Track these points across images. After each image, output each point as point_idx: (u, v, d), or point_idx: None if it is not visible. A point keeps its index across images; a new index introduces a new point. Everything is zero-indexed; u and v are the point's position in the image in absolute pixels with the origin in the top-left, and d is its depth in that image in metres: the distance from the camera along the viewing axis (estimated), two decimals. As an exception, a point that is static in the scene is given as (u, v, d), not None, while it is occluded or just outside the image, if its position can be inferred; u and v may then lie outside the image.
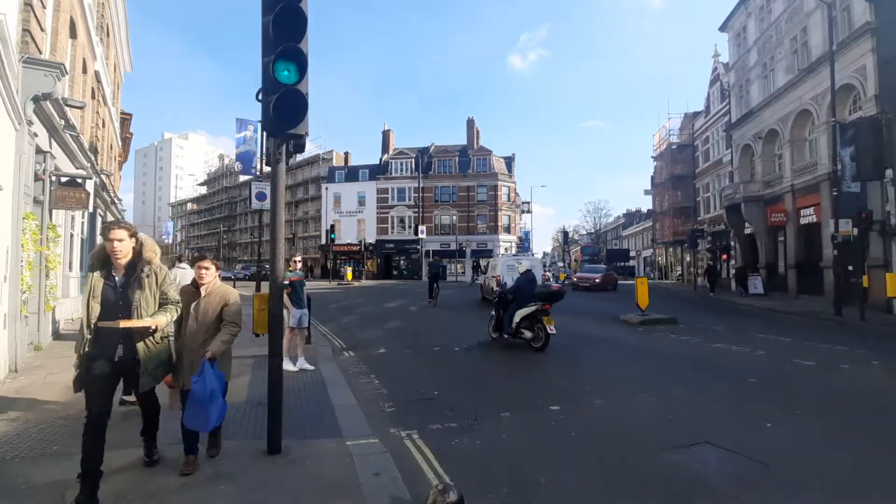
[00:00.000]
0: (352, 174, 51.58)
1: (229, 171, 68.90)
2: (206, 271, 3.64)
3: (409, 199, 48.00)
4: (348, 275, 38.83)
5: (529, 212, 59.38)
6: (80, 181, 9.26)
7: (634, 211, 77.92)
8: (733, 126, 26.46)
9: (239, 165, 19.51)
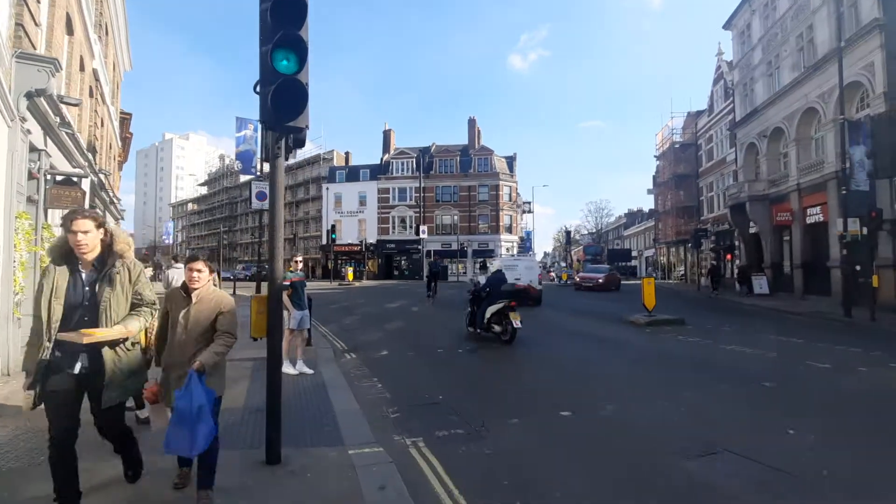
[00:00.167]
0: (353, 174, 51.40)
1: (230, 172, 68.77)
2: (198, 275, 3.12)
3: (411, 198, 47.80)
4: (349, 275, 38.64)
5: (531, 212, 59.24)
6: (75, 180, 9.07)
7: (636, 211, 77.70)
8: (737, 125, 26.24)
9: (239, 165, 19.34)
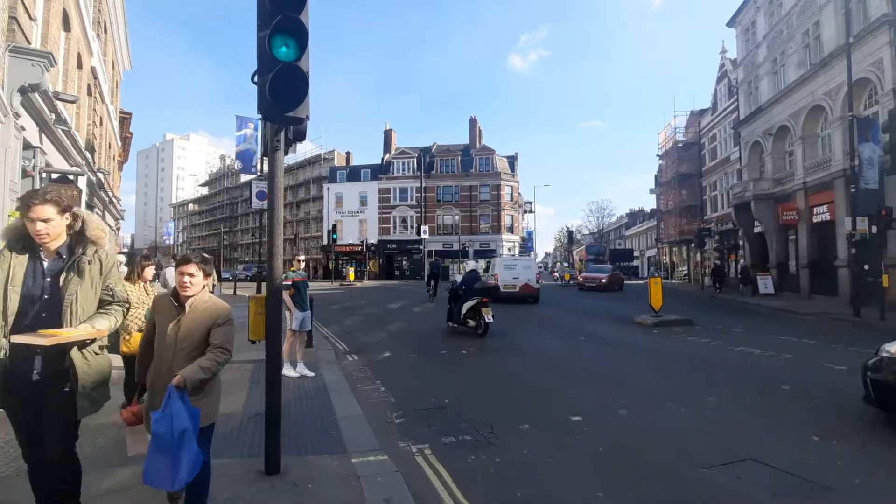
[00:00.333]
0: (353, 174, 51.20)
1: (231, 172, 68.64)
2: (189, 280, 2.65)
3: (412, 198, 47.58)
4: (350, 275, 38.44)
5: (532, 211, 59.03)
6: (71, 178, 8.89)
7: (637, 210, 77.44)
8: (742, 123, 25.98)
9: (239, 164, 19.17)
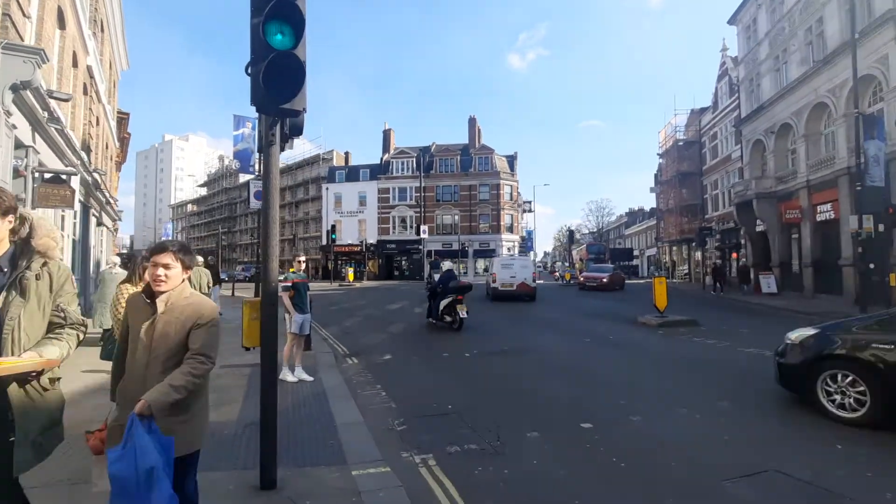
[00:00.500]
0: (352, 174, 50.98)
1: (229, 173, 68.40)
2: (164, 272, 2.23)
3: (411, 198, 47.37)
4: (350, 276, 38.23)
5: (531, 211, 58.83)
6: (64, 178, 8.68)
7: (637, 210, 77.35)
8: (743, 121, 25.81)
9: (236, 164, 18.95)
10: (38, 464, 1.92)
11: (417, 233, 41.28)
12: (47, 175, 8.77)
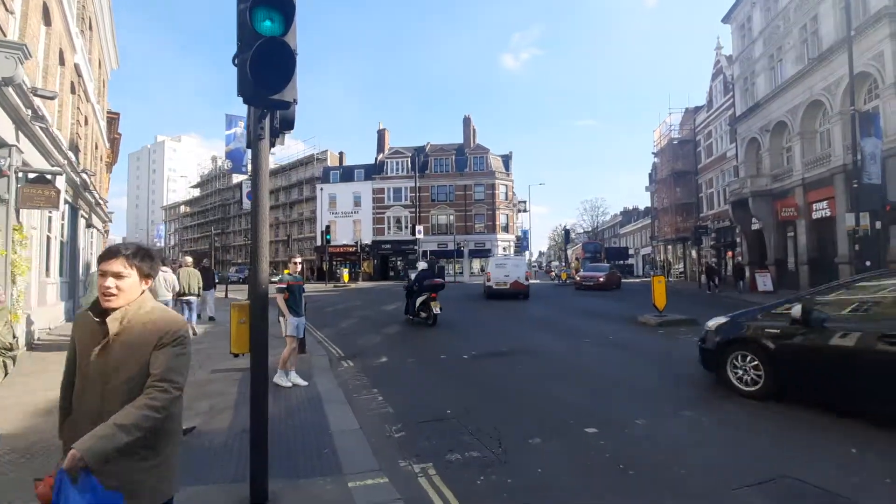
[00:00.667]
0: (347, 174, 50.67)
1: (222, 173, 67.87)
2: (116, 283, 1.81)
3: (406, 198, 47.17)
4: (345, 277, 37.97)
5: (526, 211, 58.75)
6: (49, 178, 8.44)
7: (632, 209, 77.54)
8: (738, 119, 25.82)
9: (229, 164, 18.67)
10: None
11: (413, 233, 41.12)
12: (31, 175, 8.53)
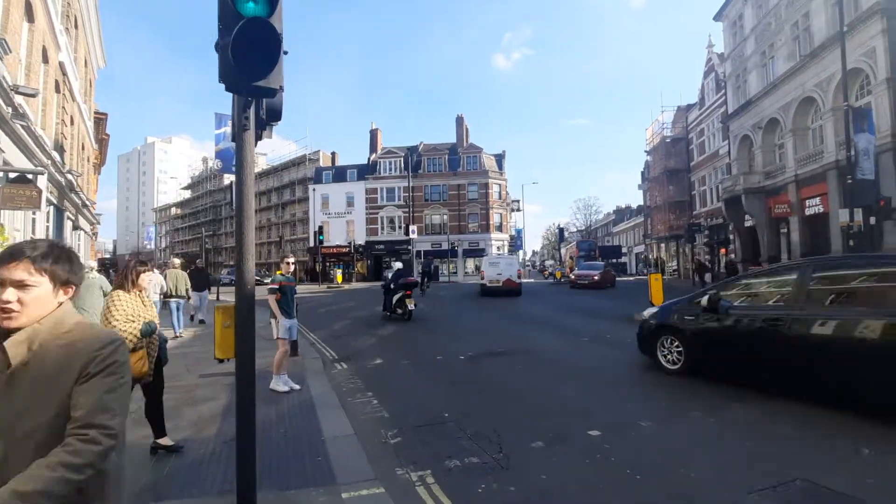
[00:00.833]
0: (339, 174, 50.33)
1: (213, 175, 67.22)
2: (19, 296, 1.31)
3: (399, 198, 46.92)
4: (338, 277, 37.68)
5: (520, 210, 58.69)
6: (30, 177, 8.16)
7: (624, 207, 77.82)
8: (730, 117, 25.88)
9: (219, 163, 18.35)
10: None
11: (406, 233, 40.84)
12: (12, 174, 8.25)
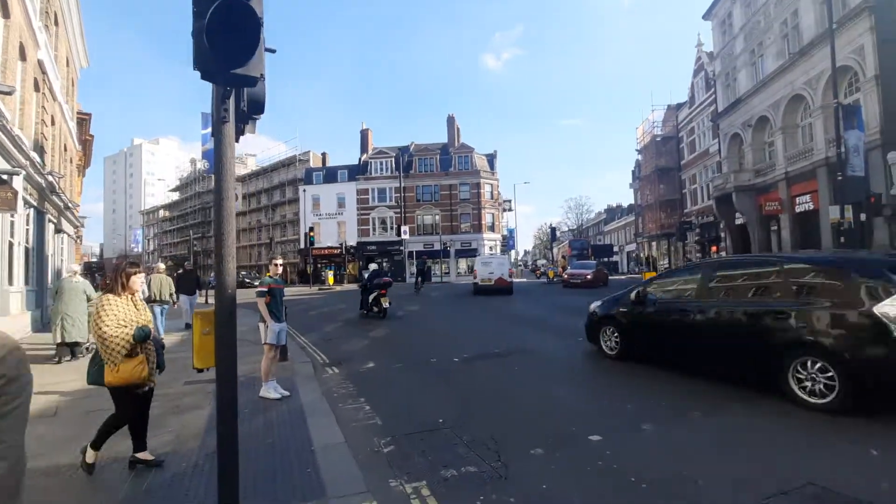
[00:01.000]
0: (330, 175, 49.96)
1: (202, 176, 66.44)
2: None
3: (391, 199, 46.68)
4: (329, 279, 37.36)
5: (511, 210, 58.68)
6: (5, 178, 7.85)
7: (615, 206, 78.17)
8: (720, 115, 26.00)
9: (206, 164, 17.93)
10: None
11: (398, 234, 40.63)
12: (-13, 176, 7.94)
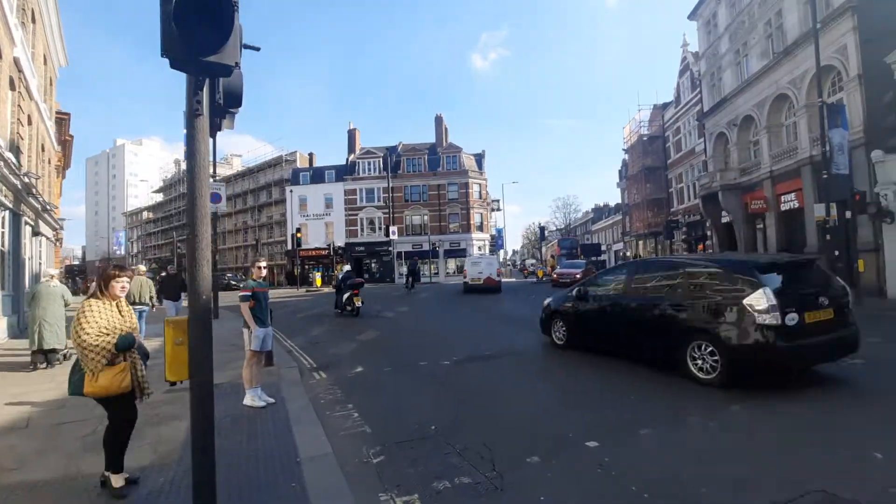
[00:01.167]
0: (317, 175, 49.43)
1: (186, 177, 65.27)
2: None
3: (379, 199, 46.34)
4: (317, 281, 36.94)
5: (500, 209, 58.72)
6: (-26, 179, 7.50)
7: (603, 206, 78.69)
8: (706, 115, 26.19)
9: (189, 164, 17.46)
10: None
11: (387, 234, 40.30)
12: (-46, 177, 7.57)
